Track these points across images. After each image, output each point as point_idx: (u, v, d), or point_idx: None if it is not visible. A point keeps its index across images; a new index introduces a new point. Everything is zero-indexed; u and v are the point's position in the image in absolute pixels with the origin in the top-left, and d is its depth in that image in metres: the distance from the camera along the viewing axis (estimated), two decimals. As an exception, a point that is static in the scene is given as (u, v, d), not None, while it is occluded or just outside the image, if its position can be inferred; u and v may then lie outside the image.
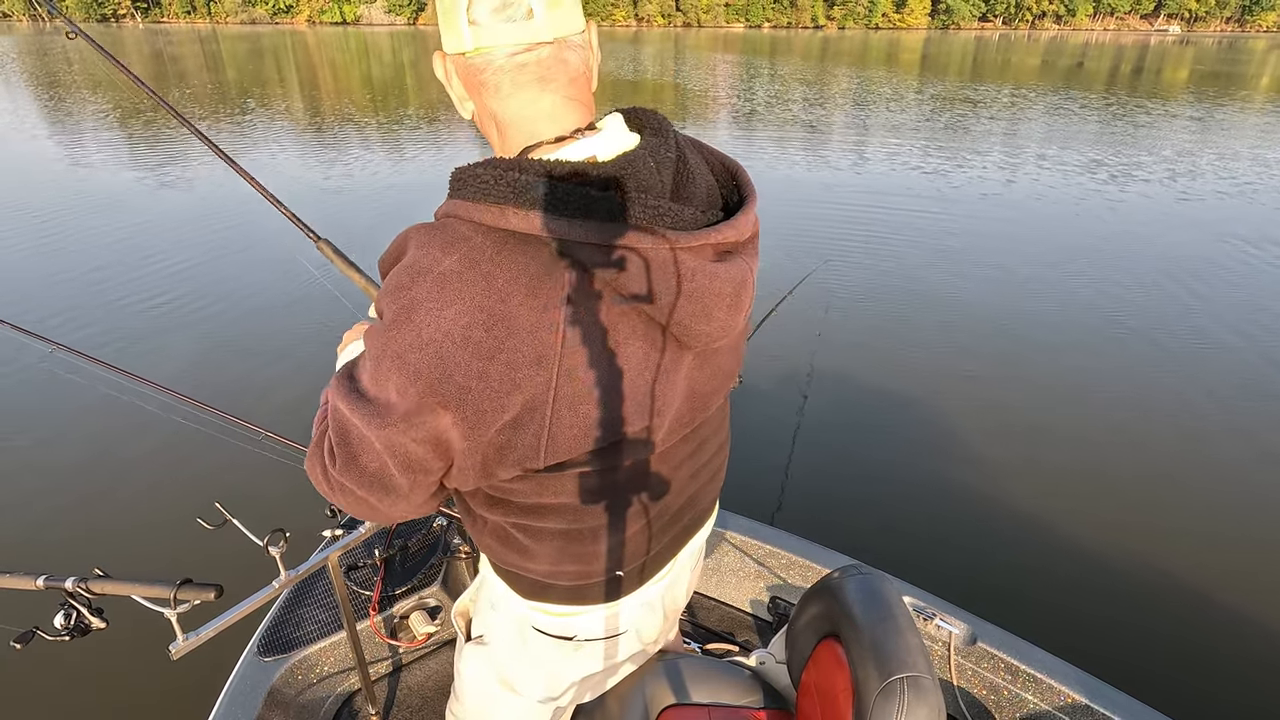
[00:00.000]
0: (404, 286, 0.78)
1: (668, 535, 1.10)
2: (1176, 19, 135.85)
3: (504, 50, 0.82)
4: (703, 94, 22.06)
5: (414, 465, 0.84)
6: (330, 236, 1.62)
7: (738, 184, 0.95)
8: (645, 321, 0.84)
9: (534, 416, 0.82)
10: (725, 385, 1.04)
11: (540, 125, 0.85)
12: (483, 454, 0.85)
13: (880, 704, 1.06)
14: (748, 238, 0.92)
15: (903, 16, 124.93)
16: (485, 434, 0.82)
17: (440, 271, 0.77)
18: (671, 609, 1.28)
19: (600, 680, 1.30)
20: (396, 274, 0.80)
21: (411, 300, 0.77)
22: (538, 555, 1.01)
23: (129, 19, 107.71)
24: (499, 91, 0.84)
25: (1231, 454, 4.01)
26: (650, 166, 0.81)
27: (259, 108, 17.17)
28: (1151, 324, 5.67)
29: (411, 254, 0.80)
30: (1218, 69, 37.67)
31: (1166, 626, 2.89)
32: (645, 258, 0.79)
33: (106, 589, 1.24)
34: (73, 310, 5.61)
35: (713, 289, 0.85)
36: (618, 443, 0.89)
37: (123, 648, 2.47)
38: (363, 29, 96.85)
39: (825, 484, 3.73)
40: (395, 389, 0.80)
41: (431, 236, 0.80)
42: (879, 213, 8.66)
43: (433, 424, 0.81)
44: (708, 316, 0.86)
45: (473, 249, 0.77)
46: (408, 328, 0.77)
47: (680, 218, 0.81)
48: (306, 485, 0.96)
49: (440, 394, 0.79)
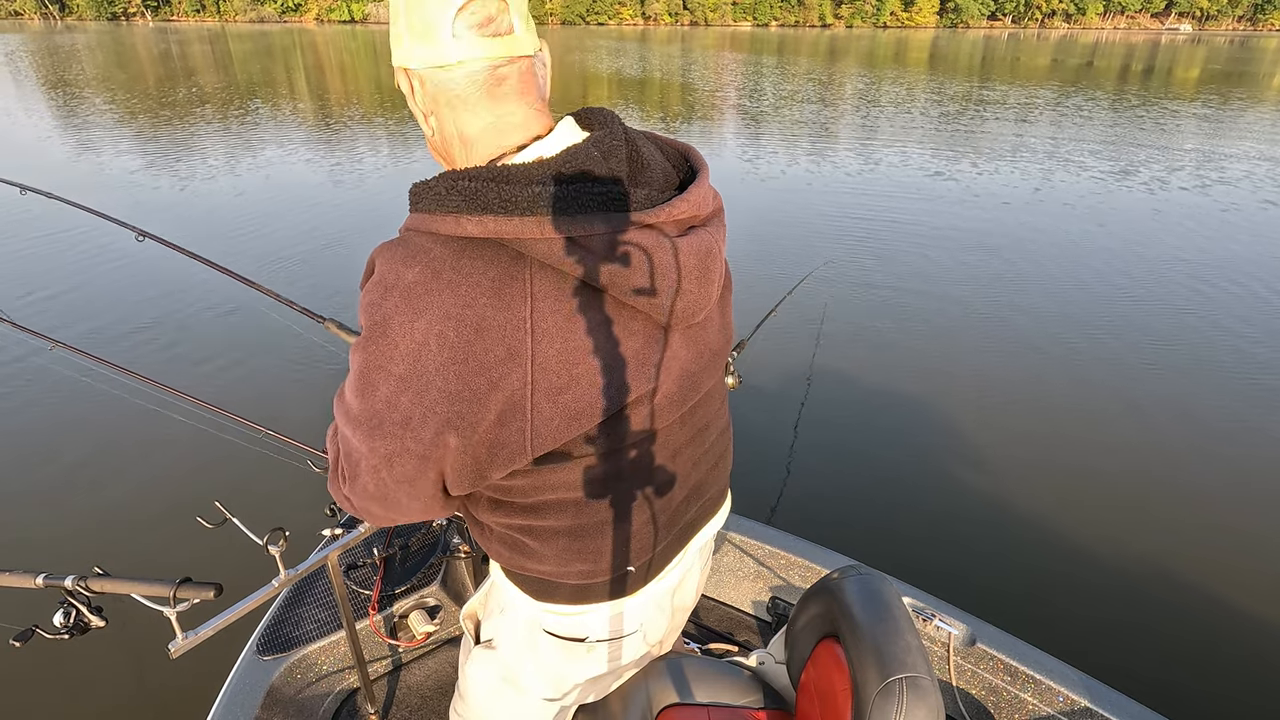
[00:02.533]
0: (375, 303, 0.81)
1: (674, 528, 1.10)
2: (1188, 18, 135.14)
3: (487, 63, 0.85)
4: (709, 93, 22.05)
5: (406, 476, 0.87)
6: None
7: (690, 163, 0.97)
8: (614, 305, 0.85)
9: (516, 413, 0.84)
10: (716, 364, 1.05)
11: (511, 136, 0.89)
12: (474, 455, 0.87)
13: (879, 704, 1.06)
14: (709, 212, 0.94)
15: (911, 15, 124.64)
16: (472, 436, 0.84)
17: (406, 284, 0.80)
18: (680, 608, 1.28)
19: (607, 681, 1.30)
20: (368, 291, 0.83)
21: (384, 315, 0.80)
22: (544, 556, 1.02)
23: (139, 17, 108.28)
24: (471, 105, 0.87)
25: (1232, 455, 3.99)
26: (595, 156, 0.83)
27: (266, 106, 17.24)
28: (1152, 324, 5.64)
29: (379, 270, 0.83)
30: (1230, 68, 37.43)
31: (1166, 627, 2.87)
32: (603, 242, 0.81)
33: (106, 587, 1.24)
34: (72, 308, 5.64)
35: (678, 263, 0.86)
36: (605, 427, 0.90)
37: (122, 646, 2.49)
38: (371, 27, 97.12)
39: (825, 484, 3.72)
40: (383, 400, 0.83)
41: (394, 252, 0.82)
42: (879, 212, 8.64)
43: (421, 432, 0.83)
44: (680, 291, 0.88)
45: (433, 260, 0.79)
46: (384, 341, 0.80)
47: (635, 199, 0.84)
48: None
49: (425, 401, 0.81)
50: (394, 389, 0.81)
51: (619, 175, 0.84)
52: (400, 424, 0.82)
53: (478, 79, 0.85)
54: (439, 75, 0.85)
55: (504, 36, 0.84)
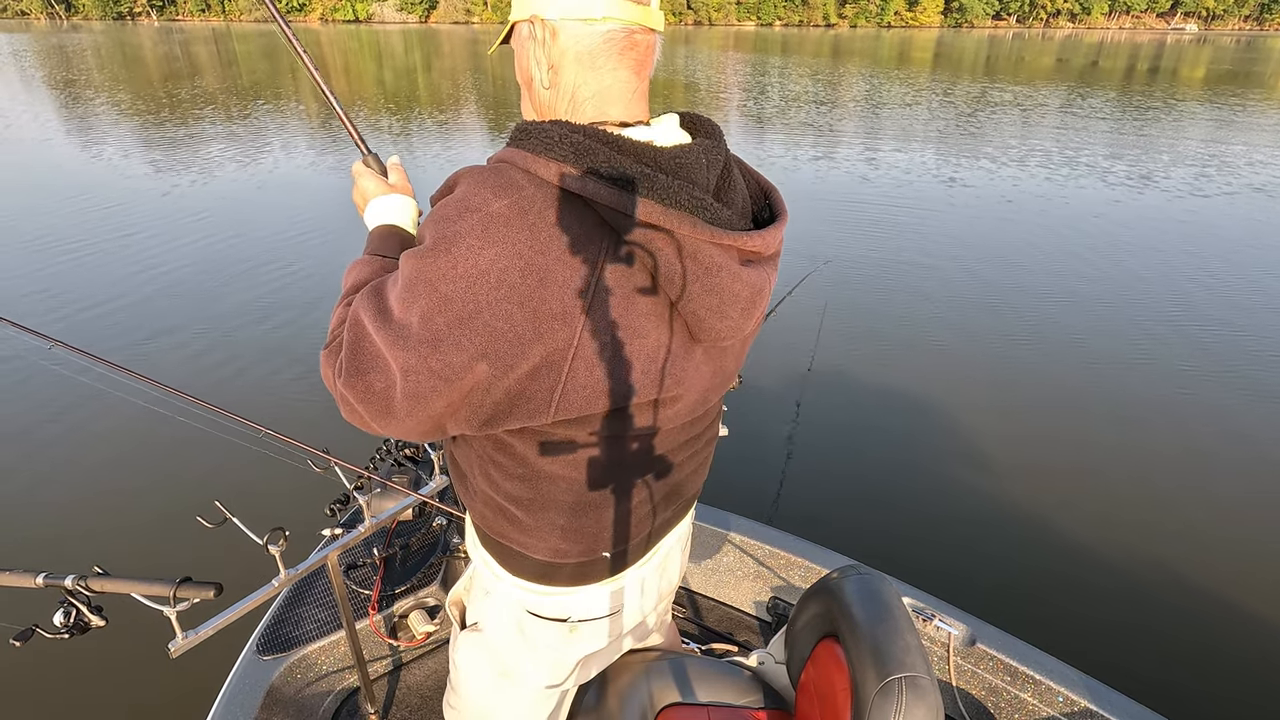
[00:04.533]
0: (449, 218, 0.80)
1: (658, 519, 1.13)
2: (1193, 17, 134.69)
3: (624, 26, 0.86)
4: (712, 93, 22.03)
5: (421, 393, 0.83)
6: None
7: (770, 202, 1.00)
8: (666, 305, 0.87)
9: (551, 370, 0.83)
10: (725, 385, 1.08)
11: (614, 107, 0.90)
12: (494, 397, 0.85)
13: (879, 704, 1.06)
14: (771, 253, 0.96)
15: (915, 14, 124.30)
16: (502, 378, 0.83)
17: (489, 212, 0.79)
18: (666, 589, 1.30)
19: (597, 661, 1.30)
20: (444, 205, 0.82)
21: (454, 232, 0.79)
22: (529, 528, 1.03)
23: (144, 16, 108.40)
24: (597, 65, 0.88)
25: (1233, 455, 3.98)
26: (702, 163, 0.85)
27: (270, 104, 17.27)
28: (1152, 325, 5.64)
29: (461, 190, 0.82)
30: (1237, 68, 37.31)
31: (1166, 628, 2.87)
32: (681, 243, 0.82)
33: (106, 587, 1.25)
34: (72, 307, 5.66)
35: (733, 289, 0.88)
36: (623, 412, 0.92)
37: (122, 646, 2.49)
38: (375, 27, 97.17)
39: (825, 484, 3.72)
40: (419, 315, 0.80)
41: (485, 177, 0.81)
42: (879, 213, 8.64)
43: (451, 357, 0.81)
44: (722, 313, 0.89)
45: (524, 198, 0.79)
46: (445, 258, 0.79)
47: (719, 216, 0.85)
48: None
49: (465, 329, 0.79)
50: (434, 306, 0.79)
51: (712, 188, 0.87)
52: (428, 342, 0.80)
53: (614, 39, 0.86)
54: (579, 28, 0.86)
55: (644, 5, 0.86)
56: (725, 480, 3.58)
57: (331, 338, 0.94)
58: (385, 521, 1.77)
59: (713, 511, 2.41)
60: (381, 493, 1.84)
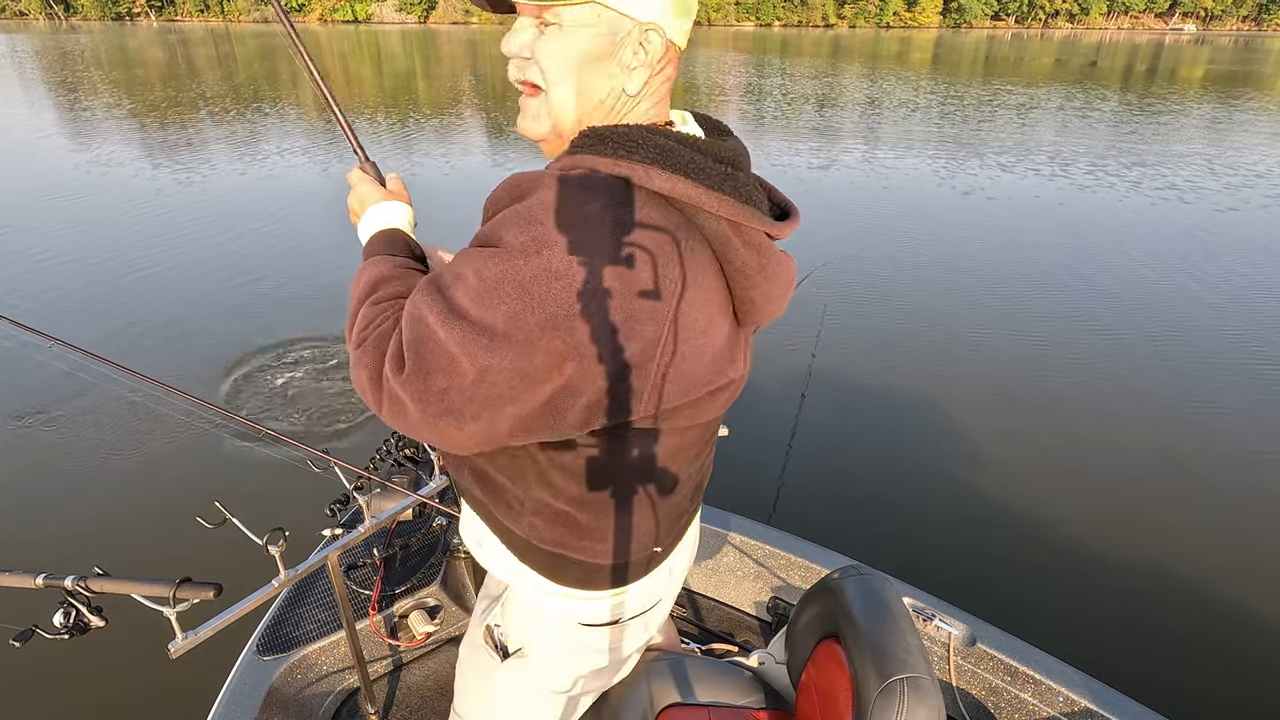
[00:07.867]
0: (537, 220, 0.80)
1: (692, 505, 1.15)
2: (1192, 17, 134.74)
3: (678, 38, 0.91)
4: (713, 93, 22.03)
5: (497, 395, 0.81)
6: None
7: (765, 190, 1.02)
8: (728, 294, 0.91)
9: (640, 368, 0.84)
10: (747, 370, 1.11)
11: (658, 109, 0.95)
12: (587, 398, 0.84)
13: (880, 704, 1.06)
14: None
15: (914, 15, 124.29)
16: (591, 379, 0.82)
17: (580, 214, 0.80)
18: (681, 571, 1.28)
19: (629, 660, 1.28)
20: (528, 207, 0.81)
21: (544, 234, 0.79)
22: (596, 532, 1.01)
23: (144, 17, 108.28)
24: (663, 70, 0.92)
25: (1233, 456, 3.99)
26: (743, 157, 0.91)
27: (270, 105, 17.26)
28: (1150, 324, 5.64)
29: (545, 194, 0.81)
30: (1235, 68, 37.33)
31: (1166, 628, 2.87)
32: (746, 235, 0.87)
33: (106, 587, 1.24)
34: (71, 306, 5.66)
35: (780, 274, 0.95)
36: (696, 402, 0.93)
37: (122, 646, 2.49)
38: (375, 27, 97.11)
39: (825, 484, 3.72)
40: (505, 316, 0.78)
41: (570, 181, 0.82)
42: (879, 213, 8.65)
43: (539, 359, 0.79)
44: (769, 298, 0.94)
45: (615, 200, 0.81)
46: (536, 259, 0.78)
47: (763, 206, 0.91)
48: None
49: (559, 330, 0.78)
50: (525, 307, 0.78)
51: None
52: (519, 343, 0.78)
53: (671, 50, 0.91)
54: (657, 36, 0.88)
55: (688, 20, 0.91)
56: (725, 480, 3.56)
57: (361, 338, 0.91)
58: (385, 522, 1.76)
59: (713, 511, 2.41)
60: (381, 493, 1.83)
